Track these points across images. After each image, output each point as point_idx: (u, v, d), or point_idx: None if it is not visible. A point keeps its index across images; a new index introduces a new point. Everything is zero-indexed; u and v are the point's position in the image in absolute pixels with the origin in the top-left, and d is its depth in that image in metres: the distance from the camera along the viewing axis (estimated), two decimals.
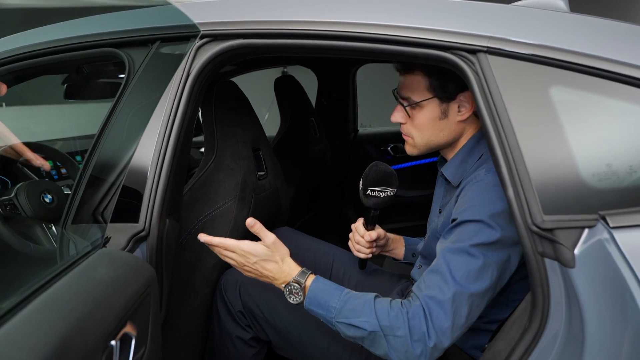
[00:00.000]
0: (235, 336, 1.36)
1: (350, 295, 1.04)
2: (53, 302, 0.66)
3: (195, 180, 1.34)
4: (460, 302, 0.97)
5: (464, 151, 1.20)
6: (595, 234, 0.83)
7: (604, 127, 0.90)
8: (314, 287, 1.06)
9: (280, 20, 1.08)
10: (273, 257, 1.10)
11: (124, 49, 1.17)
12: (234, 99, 1.46)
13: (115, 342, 0.72)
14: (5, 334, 0.57)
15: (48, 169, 1.46)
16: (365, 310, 1.00)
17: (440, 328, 0.96)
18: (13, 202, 1.44)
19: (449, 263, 1.00)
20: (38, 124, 2.47)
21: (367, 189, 1.24)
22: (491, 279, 1.00)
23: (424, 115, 1.18)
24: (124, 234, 1.02)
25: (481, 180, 1.07)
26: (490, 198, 1.03)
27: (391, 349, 0.98)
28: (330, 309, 1.03)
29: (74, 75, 1.67)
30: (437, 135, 1.19)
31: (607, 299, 0.82)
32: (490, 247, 1.00)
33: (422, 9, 1.02)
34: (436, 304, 0.97)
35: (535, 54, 0.91)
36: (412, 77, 1.18)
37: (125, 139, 1.11)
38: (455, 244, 1.02)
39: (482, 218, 1.01)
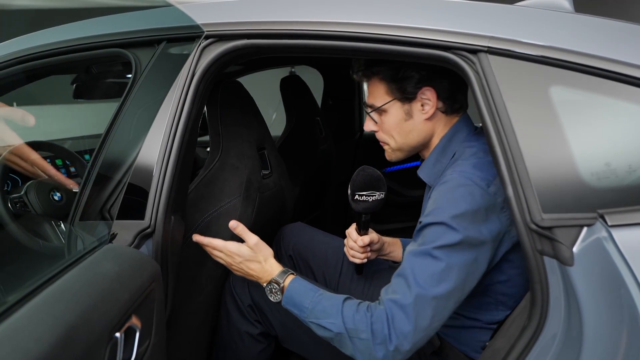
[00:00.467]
0: (244, 331, 1.37)
1: (322, 297, 1.09)
2: (60, 294, 0.68)
3: (201, 178, 1.36)
4: (422, 305, 0.99)
5: (437, 151, 1.20)
6: (594, 232, 0.84)
7: (603, 127, 0.91)
8: (291, 288, 1.13)
9: (284, 20, 1.09)
10: (256, 257, 1.19)
11: (131, 50, 1.19)
12: (239, 99, 1.48)
13: (120, 334, 0.74)
14: (14, 324, 0.59)
15: (76, 187, 1.51)
16: (333, 312, 1.05)
17: (401, 332, 0.98)
18: (23, 200, 1.46)
19: (412, 266, 1.02)
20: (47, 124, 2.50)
21: (355, 194, 1.24)
22: (455, 281, 1.00)
23: (389, 119, 1.19)
24: (130, 230, 1.04)
25: (447, 181, 1.07)
26: (453, 199, 1.03)
27: (356, 350, 1.03)
28: (303, 309, 1.09)
29: (83, 75, 1.69)
30: (407, 137, 1.20)
31: (605, 297, 0.83)
32: (453, 248, 1.00)
33: (423, 9, 1.03)
34: (398, 308, 0.99)
35: (535, 54, 0.92)
36: (372, 84, 1.20)
37: (132, 137, 1.13)
38: (420, 247, 1.03)
39: (444, 220, 1.01)
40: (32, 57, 1.29)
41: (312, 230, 1.64)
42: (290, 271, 1.17)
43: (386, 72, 1.16)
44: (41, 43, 1.29)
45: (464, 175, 1.05)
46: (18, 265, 1.56)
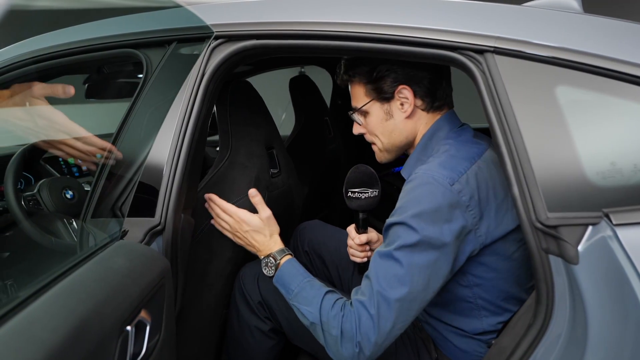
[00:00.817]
0: (254, 327, 1.39)
1: (308, 284, 1.13)
2: (73, 288, 0.70)
3: (210, 177, 1.38)
4: (385, 308, 0.99)
5: (418, 149, 1.21)
6: (599, 231, 0.84)
7: (609, 126, 0.91)
8: (284, 267, 1.19)
9: (292, 21, 1.11)
10: (263, 230, 1.25)
11: (142, 50, 1.21)
12: (248, 99, 1.49)
13: (131, 328, 0.76)
14: (30, 315, 0.61)
15: (94, 169, 1.52)
16: (313, 301, 1.08)
17: (366, 334, 1.00)
18: (36, 198, 1.49)
19: (376, 268, 1.03)
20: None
21: (348, 191, 1.26)
22: (417, 282, 1.00)
23: (371, 119, 1.22)
24: (141, 227, 1.06)
25: (411, 180, 1.07)
26: (414, 198, 1.03)
27: (326, 344, 1.06)
28: (289, 290, 1.14)
29: (95, 75, 1.71)
30: (391, 136, 1.22)
31: (609, 296, 0.83)
32: (413, 249, 1.00)
33: (430, 10, 1.04)
34: (364, 310, 1.01)
35: (541, 54, 0.93)
36: (353, 87, 1.24)
37: (143, 136, 1.15)
38: (384, 248, 1.05)
39: (404, 220, 1.01)
40: (45, 57, 1.32)
41: (328, 228, 1.66)
42: (289, 251, 1.23)
43: (362, 73, 1.19)
44: (54, 44, 1.32)
45: (427, 174, 1.04)
46: (31, 261, 1.59)
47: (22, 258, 1.63)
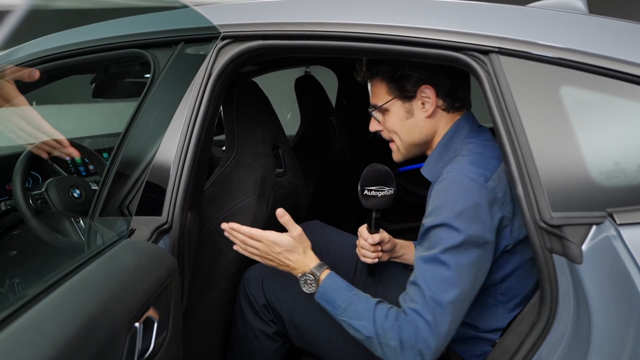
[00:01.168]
0: (259, 330, 1.39)
1: (355, 298, 1.10)
2: (82, 285, 0.72)
3: (216, 176, 1.39)
4: (439, 312, 1.00)
5: (439, 149, 1.21)
6: (603, 230, 0.85)
7: (613, 127, 0.92)
8: (326, 283, 1.13)
9: (299, 22, 1.11)
10: (296, 248, 1.17)
11: (150, 50, 1.22)
12: (254, 98, 1.50)
13: (139, 325, 0.77)
14: (41, 311, 0.62)
15: (78, 156, 1.54)
16: (365, 315, 1.06)
17: (425, 341, 1.01)
18: (44, 197, 1.51)
19: (424, 274, 1.03)
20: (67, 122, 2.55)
21: (364, 189, 1.26)
22: (466, 282, 1.02)
23: (391, 117, 1.22)
24: (148, 226, 1.07)
25: (444, 179, 1.07)
26: (451, 197, 1.03)
27: (384, 355, 1.05)
28: (336, 306, 1.10)
29: (102, 75, 1.73)
30: (410, 135, 1.21)
31: (613, 295, 0.84)
32: (459, 250, 1.01)
33: (435, 11, 1.05)
34: (420, 318, 1.01)
35: (546, 55, 0.93)
36: (373, 84, 1.23)
37: (150, 136, 1.16)
38: (427, 251, 1.04)
39: (445, 221, 1.02)
40: (52, 57, 1.33)
41: (328, 229, 1.65)
42: (326, 266, 1.17)
43: (386, 71, 1.19)
44: (62, 44, 1.33)
45: (460, 172, 1.05)
46: (38, 260, 1.61)
47: (29, 256, 1.65)
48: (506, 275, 1.12)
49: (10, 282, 1.56)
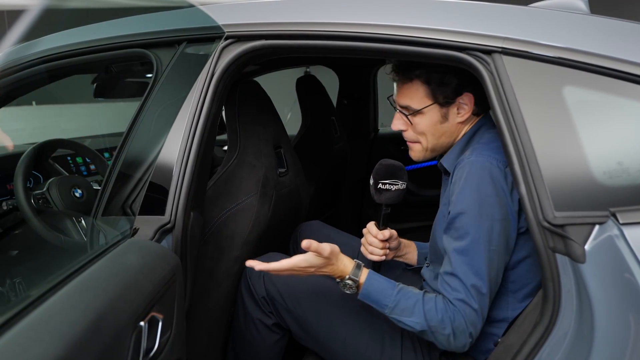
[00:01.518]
0: (259, 321, 1.39)
1: (402, 295, 1.12)
2: (88, 284, 0.72)
3: (219, 176, 1.39)
4: (483, 298, 1.07)
5: (461, 143, 1.22)
6: (606, 230, 0.85)
7: (615, 126, 0.92)
8: (368, 285, 1.15)
9: (301, 22, 1.12)
10: (329, 261, 1.17)
11: (152, 50, 1.22)
12: (256, 98, 1.50)
13: (144, 324, 0.77)
14: (48, 309, 0.62)
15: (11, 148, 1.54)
16: (415, 311, 1.10)
17: (474, 325, 1.08)
18: (45, 196, 1.51)
19: (461, 266, 1.07)
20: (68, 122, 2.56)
21: (379, 182, 1.27)
22: (499, 262, 1.08)
23: (424, 121, 1.21)
24: (151, 225, 1.07)
25: (465, 164, 1.10)
26: (473, 183, 1.06)
27: (436, 341, 1.11)
28: (383, 306, 1.13)
29: (103, 74, 1.73)
30: (440, 138, 1.22)
31: (616, 294, 0.84)
32: (488, 235, 1.05)
33: (438, 11, 1.05)
34: (467, 306, 1.07)
35: (549, 55, 0.94)
36: (410, 85, 1.21)
37: (153, 135, 1.16)
38: (458, 242, 1.08)
39: (470, 207, 1.06)
40: (54, 57, 1.33)
41: (329, 229, 1.66)
42: (362, 264, 1.18)
43: (429, 75, 1.17)
44: (64, 43, 1.33)
45: (479, 159, 1.08)
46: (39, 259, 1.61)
47: (30, 256, 1.65)
48: (518, 261, 1.14)
49: (11, 281, 1.56)
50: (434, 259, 1.31)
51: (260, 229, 1.42)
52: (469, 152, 1.13)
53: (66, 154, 2.04)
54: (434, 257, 1.30)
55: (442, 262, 1.23)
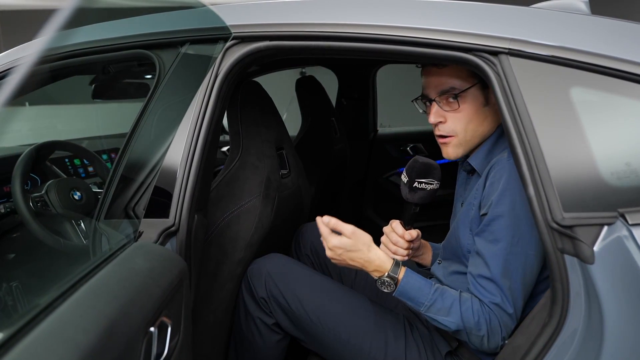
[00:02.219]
0: (260, 320, 1.38)
1: (438, 295, 1.13)
2: (99, 289, 0.71)
3: (222, 178, 1.38)
4: (518, 301, 1.09)
5: (490, 142, 1.20)
6: (614, 231, 0.85)
7: (623, 127, 0.92)
8: (405, 283, 1.14)
9: (306, 22, 1.11)
10: (356, 246, 1.15)
11: (155, 51, 1.21)
12: (258, 99, 1.50)
13: (154, 329, 0.76)
14: (61, 317, 0.61)
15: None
16: (452, 312, 1.11)
17: (508, 327, 1.10)
18: (44, 199, 1.49)
19: (497, 269, 1.07)
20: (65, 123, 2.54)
21: (415, 181, 1.23)
22: (533, 262, 1.08)
23: (468, 105, 1.16)
24: (155, 228, 1.06)
25: (504, 167, 1.09)
26: (509, 186, 1.06)
27: (471, 341, 1.12)
28: (419, 304, 1.13)
29: (102, 75, 1.72)
30: (482, 124, 1.17)
31: (626, 295, 0.84)
32: (525, 238, 1.06)
33: (444, 12, 1.04)
34: (503, 311, 1.08)
35: (555, 56, 0.94)
36: (450, 68, 1.16)
37: (156, 137, 1.15)
38: (494, 245, 1.08)
39: (509, 210, 1.05)
40: (55, 57, 1.32)
41: None
42: (399, 263, 1.17)
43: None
44: (65, 44, 1.31)
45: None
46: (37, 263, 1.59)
47: (28, 259, 1.63)
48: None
49: (7, 285, 1.54)
50: (448, 256, 1.30)
51: (263, 230, 1.41)
52: (507, 154, 1.10)
53: (64, 155, 2.02)
54: (449, 255, 1.29)
55: (457, 260, 1.23)
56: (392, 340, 1.25)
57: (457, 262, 1.25)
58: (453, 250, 1.26)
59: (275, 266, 1.37)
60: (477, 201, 1.15)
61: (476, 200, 1.15)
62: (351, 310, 1.30)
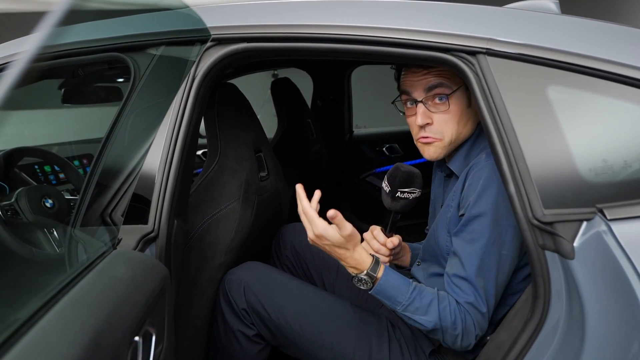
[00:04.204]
0: (240, 332, 1.36)
1: (417, 294, 1.11)
2: (81, 300, 0.69)
3: (200, 182, 1.36)
4: (491, 299, 1.10)
5: (468, 145, 1.21)
6: (594, 226, 0.87)
7: (599, 124, 0.94)
8: (384, 282, 1.12)
9: (283, 24, 1.10)
10: (345, 245, 1.12)
11: (129, 54, 1.19)
12: (235, 102, 1.48)
13: (139, 338, 0.74)
14: (44, 329, 0.59)
15: None
16: (430, 310, 1.10)
17: (482, 327, 1.11)
18: (14, 207, 1.44)
19: (472, 268, 1.08)
20: (33, 129, 2.46)
21: (397, 190, 1.21)
22: (510, 263, 1.10)
23: (456, 106, 1.16)
24: (134, 235, 1.04)
25: (482, 167, 1.09)
26: (487, 186, 1.07)
27: (444, 340, 1.13)
28: (396, 303, 1.12)
29: (72, 79, 1.67)
30: (465, 126, 1.18)
31: (606, 289, 0.86)
32: (504, 237, 1.07)
33: (420, 12, 1.05)
34: (477, 311, 1.09)
35: (532, 55, 0.95)
36: (440, 67, 1.15)
37: (133, 142, 1.13)
38: (471, 245, 1.08)
39: (487, 210, 1.06)
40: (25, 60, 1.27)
41: None
42: (379, 260, 1.14)
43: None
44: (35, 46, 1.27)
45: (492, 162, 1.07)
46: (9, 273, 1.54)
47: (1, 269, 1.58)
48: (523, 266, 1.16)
49: None
50: (427, 258, 1.31)
51: (243, 234, 1.40)
52: (485, 155, 1.11)
53: (33, 162, 1.96)
54: (429, 257, 1.30)
55: (436, 262, 1.23)
56: (376, 344, 1.25)
57: (436, 264, 1.26)
58: (432, 252, 1.26)
59: (253, 276, 1.35)
60: (455, 203, 1.15)
61: (454, 202, 1.16)
62: (333, 317, 1.29)
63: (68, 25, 1.27)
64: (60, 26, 0.71)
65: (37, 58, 1.25)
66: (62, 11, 0.62)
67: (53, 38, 1.24)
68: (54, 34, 1.23)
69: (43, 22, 0.65)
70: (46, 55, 1.24)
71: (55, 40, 1.25)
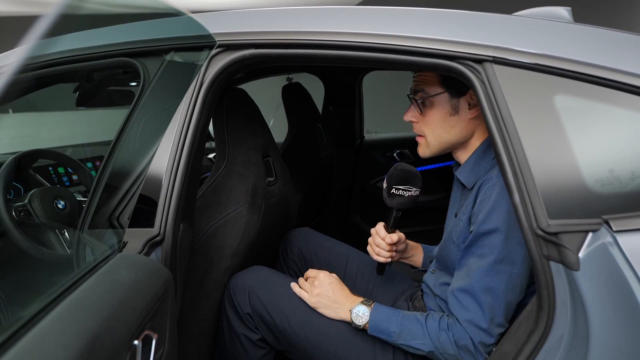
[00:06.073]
0: (244, 336, 1.37)
1: (405, 320, 1.16)
2: (81, 302, 0.69)
3: (207, 186, 1.37)
4: (496, 315, 1.08)
5: (477, 154, 1.21)
6: (599, 237, 0.85)
7: (606, 134, 0.93)
8: (374, 317, 1.19)
9: (291, 30, 1.11)
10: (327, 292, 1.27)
11: (139, 59, 1.20)
12: (244, 106, 1.49)
13: (138, 342, 0.75)
14: (41, 332, 0.60)
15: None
16: (419, 334, 1.13)
17: (483, 344, 1.09)
18: (27, 208, 1.47)
19: (479, 283, 1.08)
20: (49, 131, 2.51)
21: (392, 187, 1.26)
22: (525, 280, 1.08)
23: (435, 111, 1.20)
24: (140, 238, 1.05)
25: (494, 184, 1.09)
26: (502, 204, 1.06)
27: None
28: (390, 333, 1.16)
29: (86, 83, 1.70)
30: (449, 132, 1.21)
31: (611, 301, 0.85)
32: (512, 256, 1.05)
33: (428, 20, 1.05)
34: (475, 328, 1.08)
35: (539, 63, 0.94)
36: (426, 72, 1.21)
37: (141, 146, 1.14)
38: (481, 260, 1.08)
39: (498, 227, 1.05)
40: (38, 65, 1.30)
41: (318, 236, 1.65)
42: (367, 302, 1.24)
43: None
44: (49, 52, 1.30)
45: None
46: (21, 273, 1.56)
47: (11, 270, 1.60)
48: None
49: None
50: (441, 267, 1.31)
51: (249, 239, 1.40)
52: (497, 171, 1.11)
53: (47, 164, 1.99)
54: (441, 266, 1.30)
55: (447, 272, 1.23)
56: (380, 352, 1.25)
57: (447, 274, 1.26)
58: (444, 261, 1.27)
59: (258, 280, 1.36)
60: (466, 217, 1.16)
61: (465, 216, 1.17)
62: (338, 324, 1.29)
63: (78, 32, 1.30)
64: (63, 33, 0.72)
65: (48, 63, 1.28)
66: (55, 16, 0.63)
67: (57, 45, 1.27)
68: (58, 40, 1.25)
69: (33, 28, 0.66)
70: (58, 60, 1.27)
71: (62, 46, 1.28)
